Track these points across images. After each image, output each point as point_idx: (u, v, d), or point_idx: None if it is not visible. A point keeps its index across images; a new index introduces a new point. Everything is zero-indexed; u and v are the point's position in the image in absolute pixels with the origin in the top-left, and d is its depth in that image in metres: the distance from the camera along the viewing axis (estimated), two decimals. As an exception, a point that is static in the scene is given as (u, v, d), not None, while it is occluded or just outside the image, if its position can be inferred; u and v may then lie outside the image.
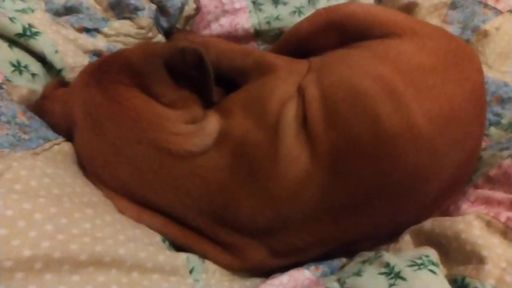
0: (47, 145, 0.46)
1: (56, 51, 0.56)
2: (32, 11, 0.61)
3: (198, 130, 0.48)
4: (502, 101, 0.64)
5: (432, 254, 0.41)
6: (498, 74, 0.66)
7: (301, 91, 0.51)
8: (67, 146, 0.49)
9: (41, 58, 0.56)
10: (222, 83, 0.62)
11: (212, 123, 0.49)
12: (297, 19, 0.69)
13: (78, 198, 0.41)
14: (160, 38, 0.71)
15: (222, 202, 0.45)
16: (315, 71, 0.54)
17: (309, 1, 0.71)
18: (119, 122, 0.46)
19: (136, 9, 0.66)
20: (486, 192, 0.47)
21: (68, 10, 0.67)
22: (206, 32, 0.73)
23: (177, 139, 0.46)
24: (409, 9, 0.71)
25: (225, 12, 0.72)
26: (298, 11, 0.70)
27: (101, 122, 0.47)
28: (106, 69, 0.49)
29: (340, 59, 0.55)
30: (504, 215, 0.41)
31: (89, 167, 0.48)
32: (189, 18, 0.74)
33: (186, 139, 0.46)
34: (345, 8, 0.61)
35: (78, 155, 0.49)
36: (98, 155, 0.47)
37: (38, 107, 0.52)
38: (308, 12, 0.69)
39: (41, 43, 0.55)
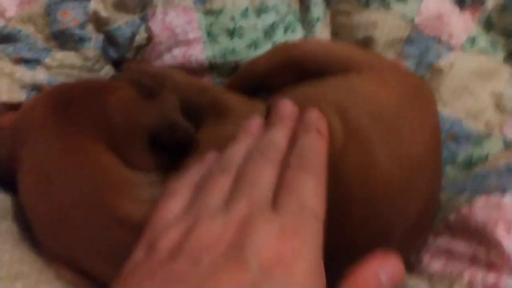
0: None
1: (-12, 89, 0.51)
2: (-34, 39, 0.56)
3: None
4: (457, 138, 0.64)
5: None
6: (453, 111, 0.66)
7: None
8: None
9: (-30, 96, 0.51)
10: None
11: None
12: (253, 52, 0.66)
13: (6, 269, 0.36)
14: (108, 69, 0.67)
15: None
16: None
17: (265, 34, 0.69)
18: (74, 180, 0.40)
19: (82, 39, 0.62)
20: (446, 241, 0.47)
21: (5, 38, 0.62)
22: (158, 63, 0.68)
23: (139, 208, 0.39)
24: (365, 44, 0.70)
25: (178, 43, 0.68)
26: (254, 44, 0.68)
27: (51, 176, 0.40)
28: (76, 118, 0.42)
29: (298, 100, 0.52)
30: (467, 273, 0.40)
31: (31, 224, 0.41)
32: (140, 48, 0.70)
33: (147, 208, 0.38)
34: (304, 46, 0.59)
35: (20, 208, 0.43)
36: (41, 214, 0.40)
37: None
38: (264, 45, 0.67)
39: (-30, 80, 0.50)
